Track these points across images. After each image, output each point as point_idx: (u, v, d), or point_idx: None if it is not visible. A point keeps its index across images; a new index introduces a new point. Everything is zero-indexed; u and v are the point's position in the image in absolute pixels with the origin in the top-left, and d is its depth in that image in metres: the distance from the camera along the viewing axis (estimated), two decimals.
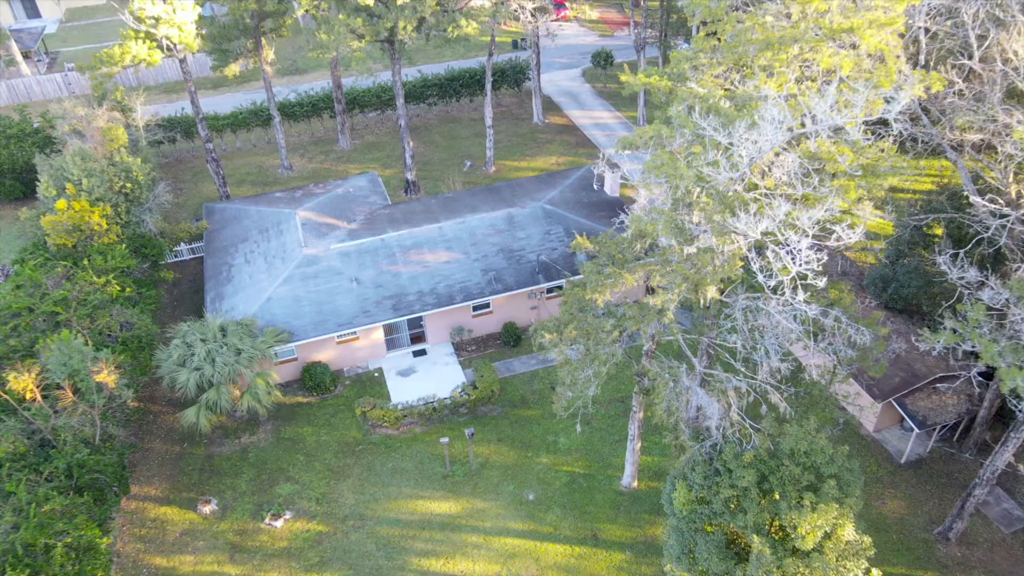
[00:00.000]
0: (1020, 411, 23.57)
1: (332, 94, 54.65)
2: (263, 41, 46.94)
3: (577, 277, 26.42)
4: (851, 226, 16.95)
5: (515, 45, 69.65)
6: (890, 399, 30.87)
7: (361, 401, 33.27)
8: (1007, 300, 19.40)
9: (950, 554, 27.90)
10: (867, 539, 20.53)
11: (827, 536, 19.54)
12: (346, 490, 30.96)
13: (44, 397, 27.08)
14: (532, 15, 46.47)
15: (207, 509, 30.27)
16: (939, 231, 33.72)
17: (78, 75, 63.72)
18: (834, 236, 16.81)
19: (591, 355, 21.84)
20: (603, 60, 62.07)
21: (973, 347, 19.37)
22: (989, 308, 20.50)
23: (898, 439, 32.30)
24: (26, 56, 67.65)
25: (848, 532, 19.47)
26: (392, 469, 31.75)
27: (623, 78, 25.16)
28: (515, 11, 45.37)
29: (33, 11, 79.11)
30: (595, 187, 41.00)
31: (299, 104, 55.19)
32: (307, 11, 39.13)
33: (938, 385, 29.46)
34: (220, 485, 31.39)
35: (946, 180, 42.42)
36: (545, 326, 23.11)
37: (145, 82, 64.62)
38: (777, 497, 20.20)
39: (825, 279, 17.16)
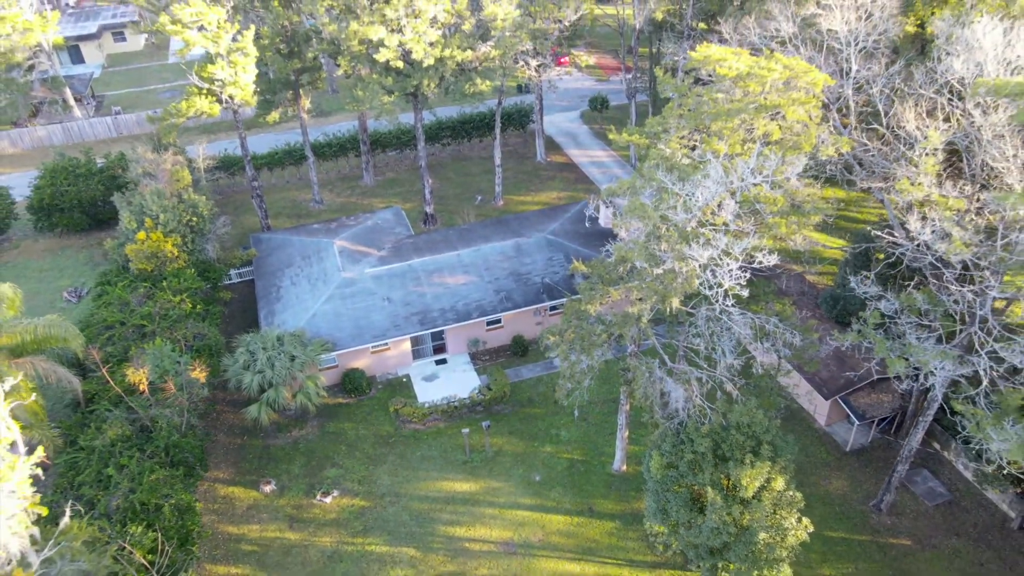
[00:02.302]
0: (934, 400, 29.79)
1: (358, 135, 61.52)
2: (301, 92, 53.92)
3: (576, 296, 32.67)
4: (770, 252, 23.40)
5: (520, 89, 76.81)
6: (836, 397, 37.14)
7: (394, 400, 39.53)
8: (896, 309, 25.76)
9: (881, 522, 33.96)
10: (798, 494, 26.67)
11: (764, 487, 25.68)
12: (383, 473, 37.07)
13: (141, 392, 33.33)
14: (536, 71, 53.46)
15: (267, 488, 36.34)
16: (881, 256, 40.16)
17: (124, 117, 70.85)
18: (756, 260, 23.21)
19: (585, 352, 28.16)
20: (599, 104, 69.04)
21: (870, 343, 25.67)
22: (884, 315, 26.80)
23: (845, 431, 38.43)
24: (77, 100, 74.69)
25: (780, 484, 25.59)
26: (421, 457, 37.87)
27: (611, 136, 31.88)
28: (522, 67, 52.39)
29: (78, 57, 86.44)
30: (587, 224, 47.44)
31: (328, 145, 62.05)
32: (345, 72, 45.83)
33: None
34: (277, 470, 37.50)
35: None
36: (550, 331, 29.50)
37: (186, 125, 71.51)
38: (727, 460, 26.37)
39: (748, 291, 23.52)
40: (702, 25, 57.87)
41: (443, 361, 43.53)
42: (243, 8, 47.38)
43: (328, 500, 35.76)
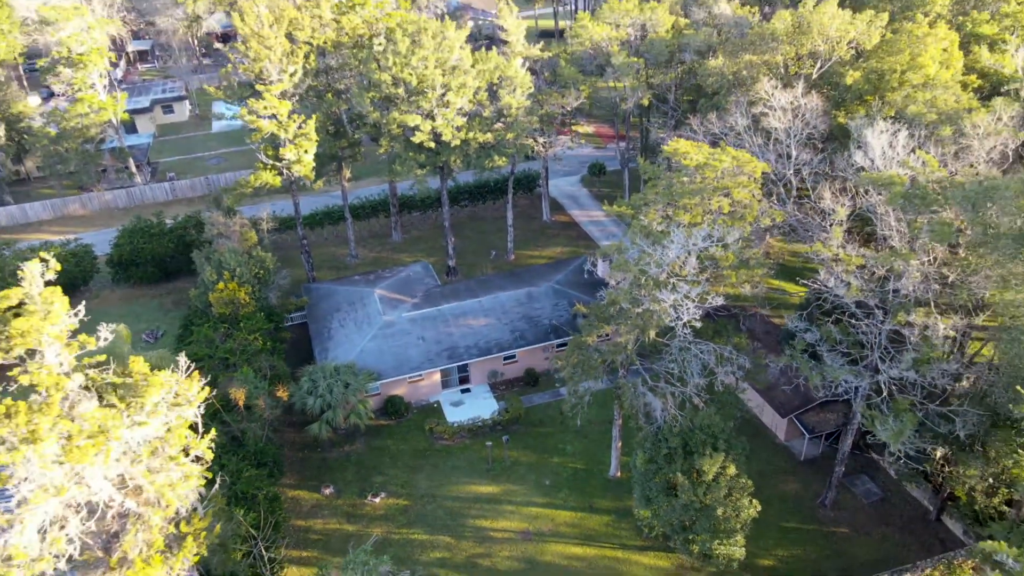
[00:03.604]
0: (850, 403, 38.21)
1: (388, 199, 71.04)
2: (343, 164, 63.60)
3: (579, 334, 41.25)
4: (716, 296, 32.27)
5: (527, 157, 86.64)
6: (791, 415, 45.50)
7: (428, 421, 47.97)
8: (816, 339, 34.45)
9: (826, 515, 42.01)
10: (749, 481, 34.94)
11: (720, 473, 33.99)
12: (421, 479, 45.25)
13: (233, 408, 41.82)
14: (543, 146, 63.21)
15: (327, 491, 44.50)
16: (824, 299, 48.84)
17: (179, 182, 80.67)
18: (707, 302, 32.04)
19: (586, 374, 36.79)
20: (597, 170, 78.77)
21: (797, 366, 34.30)
22: (809, 344, 35.45)
23: (800, 444, 46.66)
24: (137, 167, 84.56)
25: (733, 470, 33.88)
26: (451, 466, 46.09)
27: (604, 207, 40.99)
28: (531, 142, 62.12)
29: (131, 128, 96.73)
30: (586, 276, 56.45)
31: (362, 206, 71.58)
32: (385, 150, 55.40)
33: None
34: (333, 476, 45.70)
35: None
36: (558, 357, 38.18)
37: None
38: (693, 453, 34.74)
39: (700, 323, 32.22)
40: (687, 98, 67.98)
41: (467, 390, 52.00)
42: (302, 98, 57.21)
43: (377, 500, 43.86)
